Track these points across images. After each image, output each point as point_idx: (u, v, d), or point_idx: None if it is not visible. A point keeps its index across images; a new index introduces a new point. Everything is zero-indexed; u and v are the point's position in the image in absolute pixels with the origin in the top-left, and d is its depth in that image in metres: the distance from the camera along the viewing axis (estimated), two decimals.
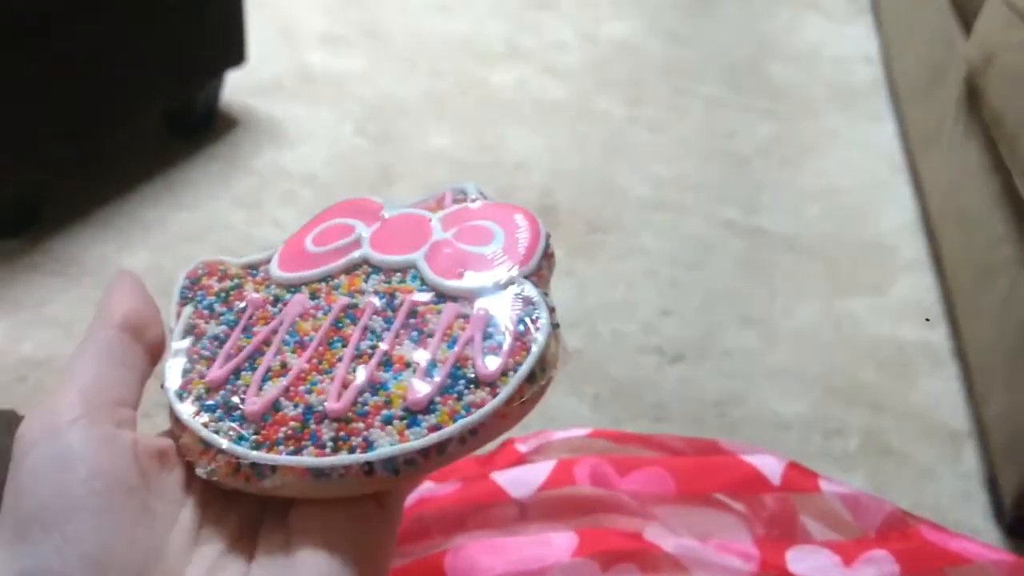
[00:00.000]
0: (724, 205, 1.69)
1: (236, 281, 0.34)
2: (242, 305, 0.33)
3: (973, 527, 1.18)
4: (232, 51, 1.61)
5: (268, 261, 0.35)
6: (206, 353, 0.32)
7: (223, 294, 0.34)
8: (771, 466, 0.47)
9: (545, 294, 0.32)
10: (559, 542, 0.41)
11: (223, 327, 0.32)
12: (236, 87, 1.74)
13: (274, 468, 0.29)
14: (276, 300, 0.33)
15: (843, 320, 1.48)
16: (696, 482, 0.46)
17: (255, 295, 0.33)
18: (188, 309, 0.33)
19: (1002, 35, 1.34)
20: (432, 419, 0.29)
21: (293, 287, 0.33)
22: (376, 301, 0.32)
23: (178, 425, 0.31)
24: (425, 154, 1.74)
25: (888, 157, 1.86)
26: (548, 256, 0.34)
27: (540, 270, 0.33)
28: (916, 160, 1.75)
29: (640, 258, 1.54)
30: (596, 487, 0.45)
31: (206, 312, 0.33)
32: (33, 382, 1.24)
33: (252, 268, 0.35)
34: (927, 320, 1.48)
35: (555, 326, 0.31)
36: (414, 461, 0.29)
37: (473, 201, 0.36)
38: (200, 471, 0.29)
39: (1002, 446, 1.19)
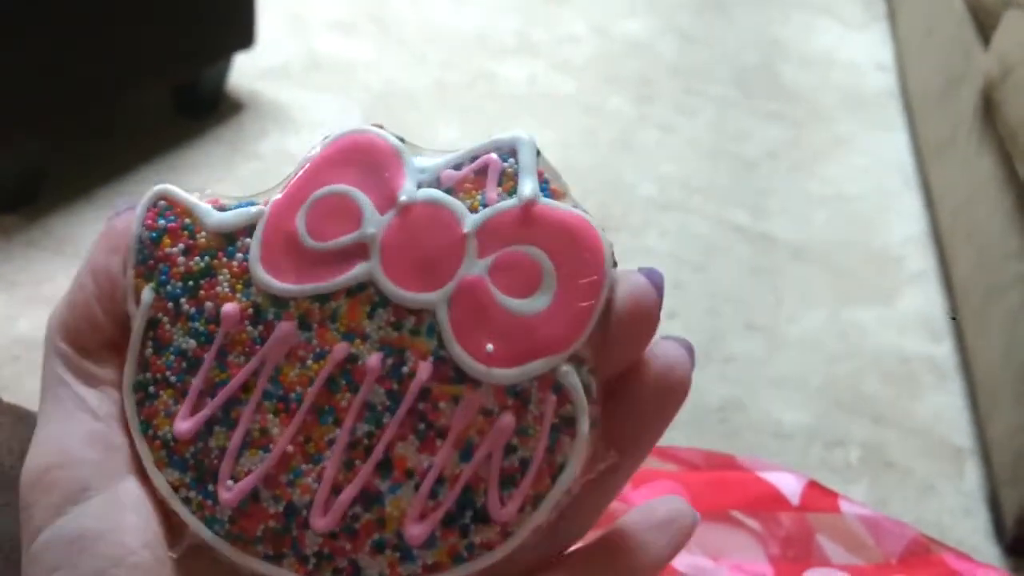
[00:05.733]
0: (731, 208, 1.67)
1: (207, 260, 0.26)
2: (213, 309, 0.26)
3: (973, 545, 1.17)
4: (241, 33, 1.59)
5: (248, 231, 0.27)
6: (172, 377, 0.26)
7: (191, 282, 0.26)
8: (790, 484, 0.45)
9: (591, 371, 0.26)
10: None
11: (191, 341, 0.26)
12: (243, 71, 1.73)
13: None
14: (257, 315, 0.26)
15: (848, 330, 1.46)
16: (711, 498, 0.45)
17: (231, 306, 0.26)
18: (148, 293, 0.26)
19: (1022, 48, 1.32)
20: (429, 556, 0.25)
21: (279, 300, 0.26)
22: (380, 362, 0.25)
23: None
24: (432, 145, 1.71)
25: (899, 166, 1.84)
26: (608, 303, 0.26)
27: (593, 333, 0.25)
28: (927, 171, 1.74)
29: (645, 257, 1.53)
30: None
31: (171, 307, 0.26)
32: (26, 362, 1.22)
33: (229, 238, 0.27)
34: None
35: (594, 425, 0.25)
36: None
37: (525, 191, 0.26)
38: (172, 552, 0.26)
39: (1005, 465, 1.18)
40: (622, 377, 0.26)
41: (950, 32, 1.74)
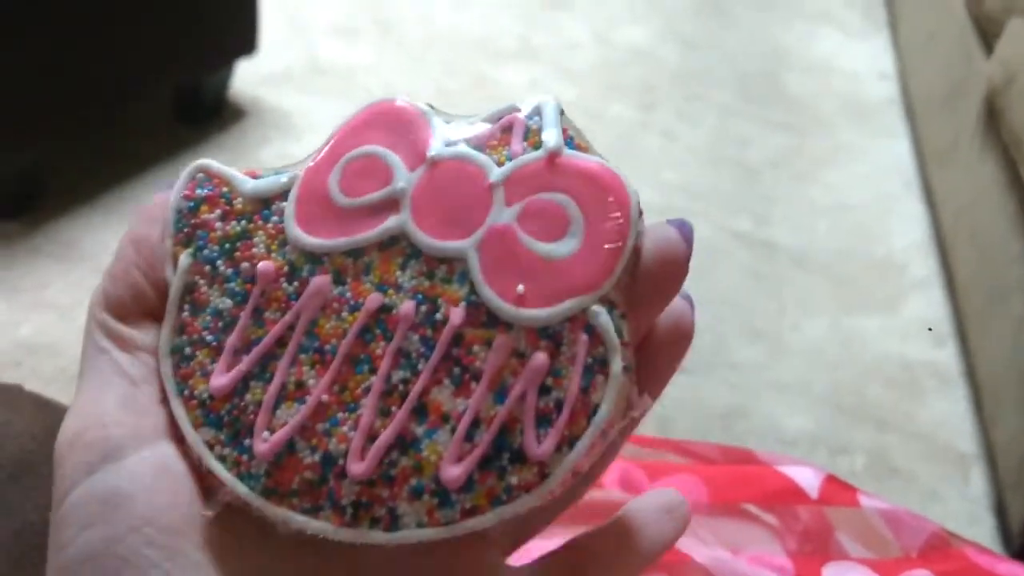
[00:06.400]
0: (734, 215, 1.67)
1: (244, 224, 0.27)
2: (250, 269, 0.27)
3: None
4: (243, 39, 1.59)
5: (283, 195, 0.27)
6: (208, 337, 0.26)
7: (228, 244, 0.27)
8: (808, 478, 0.45)
9: (622, 315, 0.26)
10: None
11: (228, 301, 0.27)
12: (246, 77, 1.72)
13: None
14: (292, 272, 0.27)
15: (851, 337, 1.46)
16: (730, 491, 0.44)
17: (267, 264, 0.27)
18: (185, 259, 0.27)
19: None
20: (467, 500, 0.25)
21: (313, 257, 0.27)
22: (413, 309, 0.26)
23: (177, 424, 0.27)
24: None
25: (901, 173, 1.84)
26: (636, 252, 0.26)
27: (622, 278, 0.26)
28: (929, 177, 1.74)
29: None
30: (625, 492, 0.43)
31: (207, 269, 0.27)
32: (29, 367, 1.21)
33: (264, 202, 0.27)
34: (930, 329, 1.47)
35: (627, 369, 0.26)
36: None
37: (549, 142, 0.27)
38: (206, 510, 0.26)
39: (1011, 470, 1.17)
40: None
41: (952, 40, 1.74)
